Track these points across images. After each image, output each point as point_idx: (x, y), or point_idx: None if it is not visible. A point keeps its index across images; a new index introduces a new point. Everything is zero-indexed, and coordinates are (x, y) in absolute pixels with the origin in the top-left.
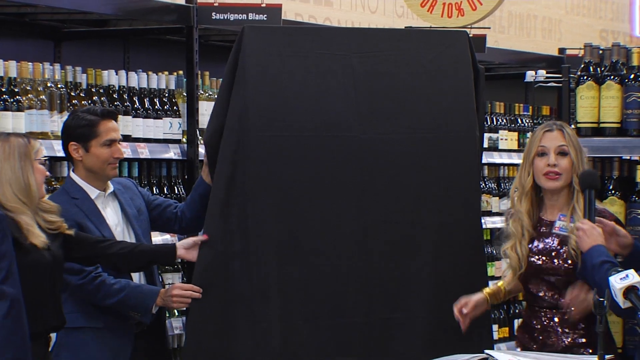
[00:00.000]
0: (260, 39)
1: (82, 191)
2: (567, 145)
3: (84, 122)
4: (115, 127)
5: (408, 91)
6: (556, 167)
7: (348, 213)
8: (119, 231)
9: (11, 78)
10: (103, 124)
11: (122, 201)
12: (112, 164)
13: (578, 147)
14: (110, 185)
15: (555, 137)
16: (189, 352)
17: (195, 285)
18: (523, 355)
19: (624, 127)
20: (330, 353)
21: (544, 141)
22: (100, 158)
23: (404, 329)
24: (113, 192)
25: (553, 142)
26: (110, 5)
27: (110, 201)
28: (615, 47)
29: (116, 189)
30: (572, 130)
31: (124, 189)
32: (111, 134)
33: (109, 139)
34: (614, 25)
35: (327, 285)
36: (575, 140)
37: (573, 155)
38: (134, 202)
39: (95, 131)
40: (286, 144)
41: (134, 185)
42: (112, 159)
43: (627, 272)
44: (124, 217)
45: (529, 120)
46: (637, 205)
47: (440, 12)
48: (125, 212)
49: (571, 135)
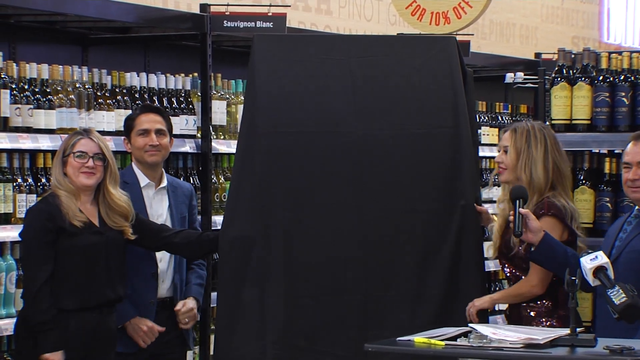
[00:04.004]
0: (268, 46)
1: (134, 177)
2: (509, 145)
3: (127, 117)
4: (152, 119)
5: (401, 91)
6: (501, 163)
7: (347, 202)
8: (159, 222)
9: (44, 79)
10: (141, 117)
11: (172, 200)
12: (148, 152)
13: (522, 146)
14: (165, 181)
15: (505, 137)
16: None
17: (220, 266)
18: (504, 328)
19: (594, 124)
20: (332, 326)
21: (500, 140)
22: (136, 146)
23: (396, 306)
24: (166, 188)
25: (502, 141)
26: (132, 14)
27: (161, 194)
28: (586, 52)
29: (170, 187)
30: (527, 131)
31: (177, 191)
32: (145, 125)
33: (142, 128)
34: (585, 32)
35: (329, 267)
36: (521, 139)
37: (511, 154)
38: (181, 205)
39: (133, 124)
40: (292, 140)
41: (189, 193)
42: (147, 147)
43: (596, 253)
44: (169, 213)
45: (508, 118)
46: (605, 194)
47: (429, 20)
48: (172, 210)
49: (517, 135)
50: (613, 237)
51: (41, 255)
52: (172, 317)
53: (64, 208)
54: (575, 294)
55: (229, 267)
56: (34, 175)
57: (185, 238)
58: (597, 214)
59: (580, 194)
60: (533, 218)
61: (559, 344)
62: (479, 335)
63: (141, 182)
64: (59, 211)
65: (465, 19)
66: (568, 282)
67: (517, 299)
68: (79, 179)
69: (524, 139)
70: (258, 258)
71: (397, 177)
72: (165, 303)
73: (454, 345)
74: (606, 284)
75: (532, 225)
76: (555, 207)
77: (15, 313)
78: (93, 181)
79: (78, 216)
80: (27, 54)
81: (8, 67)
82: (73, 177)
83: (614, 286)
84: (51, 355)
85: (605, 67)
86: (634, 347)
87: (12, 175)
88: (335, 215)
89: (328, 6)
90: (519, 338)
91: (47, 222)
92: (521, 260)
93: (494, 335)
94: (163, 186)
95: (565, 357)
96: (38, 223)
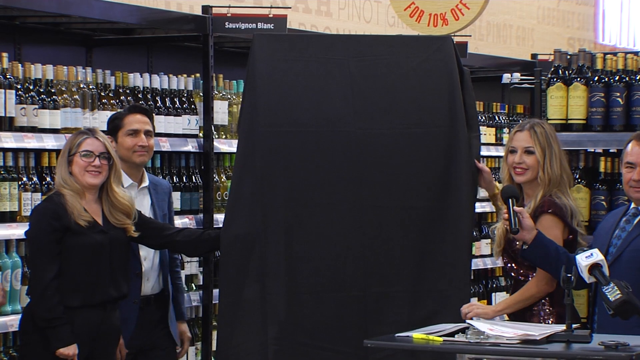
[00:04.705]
0: (268, 45)
1: None
2: (533, 146)
3: (113, 117)
4: (140, 119)
5: (398, 90)
6: (522, 163)
7: (346, 199)
8: None
9: (48, 80)
10: (129, 117)
11: (154, 198)
12: (137, 152)
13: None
14: (146, 180)
15: (522, 138)
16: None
17: (221, 263)
18: (501, 324)
19: (589, 124)
20: (332, 322)
21: (514, 141)
22: (124, 146)
23: (395, 302)
24: (147, 187)
25: (519, 142)
26: (135, 16)
27: (143, 194)
28: (582, 53)
29: (151, 186)
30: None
31: (157, 189)
32: (134, 125)
33: (132, 129)
34: (580, 33)
35: (329, 263)
36: (543, 139)
37: (538, 154)
38: (162, 203)
39: (120, 123)
40: (291, 138)
41: (168, 191)
42: (137, 147)
43: (591, 251)
44: (152, 212)
45: (505, 118)
46: (600, 193)
47: (427, 21)
48: (154, 209)
49: (538, 134)
50: (607, 234)
51: (48, 253)
52: (157, 313)
53: (69, 207)
54: (570, 290)
55: (231, 264)
56: (38, 174)
57: (187, 236)
58: (593, 211)
59: (575, 192)
60: (527, 216)
61: (555, 339)
62: (477, 332)
63: (124, 183)
64: (64, 210)
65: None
66: (564, 279)
67: (528, 302)
68: (85, 178)
69: (544, 137)
70: (259, 255)
71: (395, 175)
72: (150, 300)
73: (452, 341)
74: (601, 281)
75: (526, 223)
76: (556, 205)
77: (21, 309)
78: (99, 180)
79: (83, 216)
80: (32, 55)
81: (13, 67)
82: (79, 176)
83: (609, 283)
84: (66, 349)
85: (600, 67)
86: (628, 343)
87: (18, 174)
88: (335, 212)
89: (328, 8)
90: (516, 334)
91: (53, 221)
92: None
93: (491, 331)
94: (145, 185)
95: (561, 352)
96: (44, 222)
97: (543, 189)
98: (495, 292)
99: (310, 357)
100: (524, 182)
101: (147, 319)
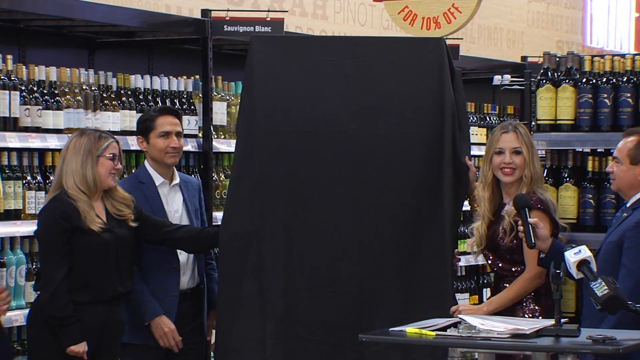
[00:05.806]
0: (266, 47)
1: (149, 177)
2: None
3: (144, 118)
4: (171, 121)
5: (392, 91)
6: (511, 164)
7: (343, 198)
8: (176, 217)
9: (52, 82)
10: (160, 118)
11: (186, 195)
12: (169, 153)
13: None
14: (177, 177)
15: (510, 138)
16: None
17: (220, 260)
18: (492, 319)
19: (577, 124)
20: (328, 317)
21: (501, 142)
22: (156, 147)
23: (389, 298)
24: (178, 184)
25: (506, 143)
26: (136, 19)
27: (175, 191)
28: (570, 55)
29: (182, 183)
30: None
31: (188, 186)
32: (166, 127)
33: (164, 130)
34: (569, 36)
35: (325, 260)
36: (527, 139)
37: (525, 153)
38: (194, 199)
39: (152, 125)
40: (289, 138)
41: (198, 187)
42: (169, 149)
43: (579, 247)
44: (185, 208)
45: (496, 118)
46: (588, 191)
47: (420, 25)
48: (187, 205)
49: (523, 135)
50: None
51: (58, 253)
52: (193, 308)
53: (82, 212)
54: (559, 286)
55: (230, 261)
56: (42, 173)
57: (186, 233)
58: (581, 210)
59: (564, 190)
60: (542, 226)
61: (544, 334)
62: (468, 326)
63: (156, 181)
64: (73, 209)
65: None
66: (553, 275)
67: (521, 298)
68: (108, 180)
69: (528, 137)
70: (257, 252)
71: (390, 174)
72: (187, 294)
73: (444, 336)
74: (589, 276)
75: (541, 233)
76: (542, 201)
77: (25, 305)
78: (115, 182)
79: (96, 222)
80: (36, 57)
81: (18, 69)
82: (103, 178)
83: (597, 279)
84: (76, 346)
85: (588, 69)
86: (615, 337)
87: (22, 173)
88: (332, 210)
89: (324, 11)
90: (506, 328)
91: (62, 221)
92: (505, 252)
93: (482, 325)
94: (176, 183)
95: (550, 346)
96: (53, 222)
97: (527, 186)
98: (486, 288)
99: (307, 351)
100: (512, 182)
101: (185, 313)
